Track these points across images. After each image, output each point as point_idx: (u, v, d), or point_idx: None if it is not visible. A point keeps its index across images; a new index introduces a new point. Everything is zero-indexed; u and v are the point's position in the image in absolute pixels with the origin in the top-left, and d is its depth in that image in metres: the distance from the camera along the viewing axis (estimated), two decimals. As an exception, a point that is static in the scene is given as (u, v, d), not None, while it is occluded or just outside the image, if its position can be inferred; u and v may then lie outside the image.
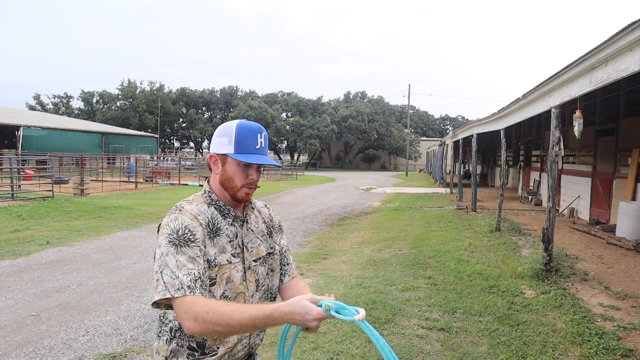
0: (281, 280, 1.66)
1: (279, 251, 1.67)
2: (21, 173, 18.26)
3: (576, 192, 11.92)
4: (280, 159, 59.20)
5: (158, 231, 1.44)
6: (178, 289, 1.29)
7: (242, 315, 1.26)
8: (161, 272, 1.32)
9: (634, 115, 9.62)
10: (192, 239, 1.38)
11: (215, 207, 1.51)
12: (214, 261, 1.42)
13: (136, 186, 21.10)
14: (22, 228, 9.50)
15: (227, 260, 1.46)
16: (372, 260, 7.13)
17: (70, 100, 60.69)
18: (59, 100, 60.13)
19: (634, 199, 8.95)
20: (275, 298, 1.67)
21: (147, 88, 58.39)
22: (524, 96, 8.05)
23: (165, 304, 1.35)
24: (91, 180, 19.22)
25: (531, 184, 16.34)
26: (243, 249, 1.52)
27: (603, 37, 4.98)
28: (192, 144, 66.31)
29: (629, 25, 4.17)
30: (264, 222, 1.67)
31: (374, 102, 60.44)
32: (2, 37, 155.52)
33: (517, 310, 4.79)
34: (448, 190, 20.63)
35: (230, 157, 1.47)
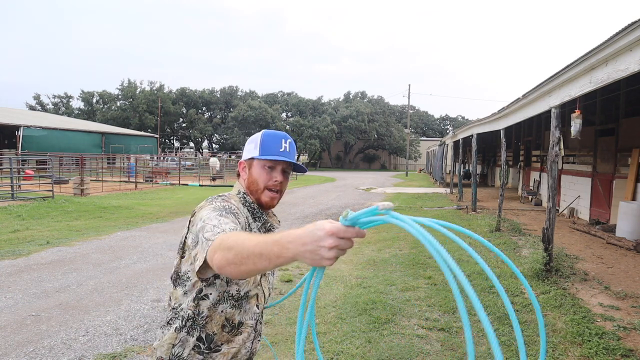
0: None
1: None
2: (21, 173, 18.25)
3: (576, 192, 11.92)
4: (280, 159, 59.05)
5: (190, 221, 1.45)
6: (218, 233, 1.22)
7: (252, 240, 1.10)
8: (203, 232, 1.25)
9: (634, 115, 9.62)
10: (237, 215, 1.42)
11: (248, 209, 1.56)
12: None
13: (136, 186, 21.10)
14: (22, 228, 9.50)
15: None
16: (372, 260, 7.14)
17: (70, 100, 60.68)
18: (59, 100, 60.12)
19: (634, 199, 8.95)
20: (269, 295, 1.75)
21: (147, 88, 58.38)
22: (524, 96, 8.05)
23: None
24: (91, 180, 19.22)
25: (531, 184, 16.34)
26: None
27: (603, 37, 4.99)
28: (192, 144, 66.29)
29: (629, 25, 4.17)
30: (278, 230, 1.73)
31: (374, 102, 60.44)
32: (2, 37, 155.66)
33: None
34: (448, 190, 20.63)
35: (255, 160, 1.54)
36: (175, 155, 45.68)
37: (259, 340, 1.64)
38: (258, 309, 1.61)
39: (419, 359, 3.70)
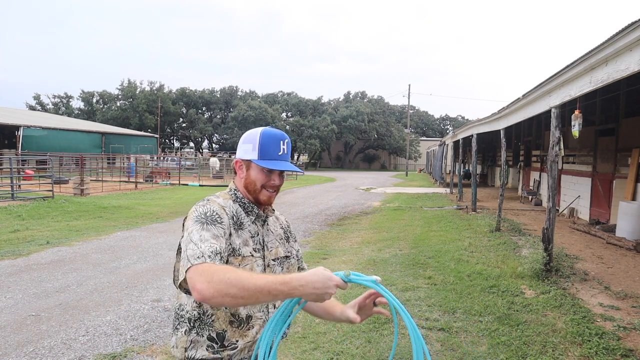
0: None
1: (296, 256, 1.73)
2: (21, 173, 18.25)
3: (576, 192, 11.92)
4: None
5: (183, 224, 1.49)
6: (198, 257, 1.29)
7: (259, 279, 1.24)
8: (186, 249, 1.34)
9: (634, 115, 9.62)
10: (219, 221, 1.44)
11: (239, 204, 1.58)
12: (238, 250, 1.48)
13: (136, 186, 21.11)
14: (22, 228, 9.50)
15: (250, 253, 1.52)
16: (372, 260, 7.13)
17: (70, 100, 60.67)
18: (59, 100, 60.12)
19: (634, 199, 8.95)
20: None
21: (147, 88, 58.37)
22: (524, 96, 8.05)
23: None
24: (91, 180, 19.22)
25: (531, 184, 16.35)
26: (264, 246, 1.59)
27: (603, 37, 4.98)
28: (192, 144, 66.29)
29: (629, 25, 4.17)
30: (282, 227, 1.74)
31: (374, 102, 60.45)
32: (2, 37, 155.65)
33: (517, 310, 4.79)
34: (448, 190, 20.62)
35: (254, 163, 1.55)
36: (176, 155, 45.69)
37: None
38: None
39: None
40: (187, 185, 23.08)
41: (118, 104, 56.79)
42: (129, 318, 4.60)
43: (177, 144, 67.33)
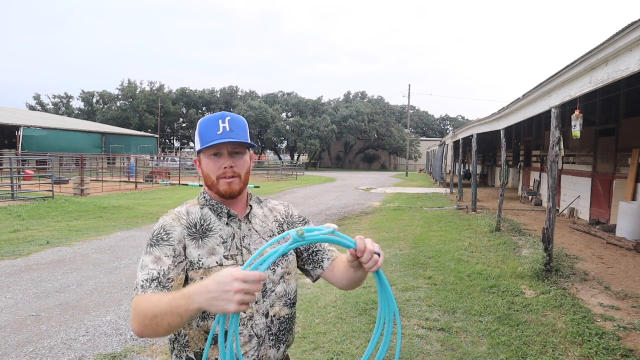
0: (321, 268, 1.50)
1: (302, 248, 1.51)
2: (21, 173, 18.25)
3: (576, 192, 11.92)
4: (280, 159, 59.19)
5: None
6: (134, 288, 1.25)
7: (163, 300, 1.12)
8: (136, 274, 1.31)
9: (634, 115, 9.62)
10: (165, 238, 1.34)
11: (209, 207, 1.45)
12: (197, 263, 1.34)
13: (136, 186, 21.11)
14: (22, 228, 9.50)
15: (217, 263, 1.36)
16: (372, 260, 7.13)
17: (70, 100, 60.73)
18: (59, 100, 60.16)
19: (634, 199, 8.95)
20: (295, 304, 1.51)
21: (147, 88, 58.43)
22: (524, 96, 8.05)
23: None
24: (91, 180, 19.22)
25: (531, 184, 16.34)
26: (242, 250, 1.41)
27: (603, 37, 4.98)
28: (192, 144, 66.32)
29: (629, 25, 4.17)
30: (276, 220, 1.54)
31: (374, 102, 60.43)
32: (2, 37, 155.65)
33: (517, 310, 4.79)
34: (448, 190, 20.62)
35: (200, 155, 1.43)
36: (176, 155, 45.68)
37: (273, 345, 1.42)
38: (245, 312, 1.38)
39: (419, 359, 3.70)
40: (187, 185, 23.08)
41: (118, 104, 56.84)
42: (129, 318, 4.60)
43: (177, 144, 67.37)
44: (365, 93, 63.01)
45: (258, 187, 22.00)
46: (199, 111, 62.52)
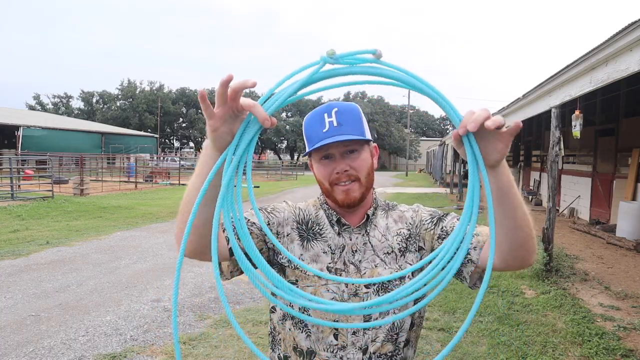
0: (473, 263, 1.14)
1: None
2: (21, 173, 18.25)
3: (576, 192, 11.92)
4: (280, 158, 59.20)
5: None
6: None
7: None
8: None
9: (634, 115, 9.62)
10: (269, 210, 1.25)
11: (324, 211, 1.28)
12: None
13: (136, 186, 21.10)
14: (22, 228, 9.50)
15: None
16: (372, 260, 7.13)
17: (70, 100, 60.71)
18: (58, 100, 60.15)
19: (634, 199, 8.94)
20: (407, 342, 1.24)
21: (147, 88, 58.41)
22: (524, 96, 8.05)
23: None
24: (91, 180, 19.21)
25: (531, 184, 16.35)
26: (349, 267, 1.20)
27: (603, 37, 4.98)
28: (192, 144, 66.33)
29: (629, 25, 4.17)
30: (399, 234, 1.26)
31: (374, 102, 60.44)
32: (2, 37, 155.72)
33: (517, 310, 4.79)
34: (448, 190, 20.63)
35: (311, 157, 1.24)
36: (176, 155, 45.69)
37: (376, 337, 1.19)
38: (337, 339, 1.17)
39: (419, 359, 3.69)
40: (186, 185, 23.05)
41: (118, 104, 56.81)
42: (129, 318, 4.60)
43: (177, 144, 67.35)
44: (365, 93, 63.04)
45: (258, 187, 21.99)
46: (199, 111, 62.43)
